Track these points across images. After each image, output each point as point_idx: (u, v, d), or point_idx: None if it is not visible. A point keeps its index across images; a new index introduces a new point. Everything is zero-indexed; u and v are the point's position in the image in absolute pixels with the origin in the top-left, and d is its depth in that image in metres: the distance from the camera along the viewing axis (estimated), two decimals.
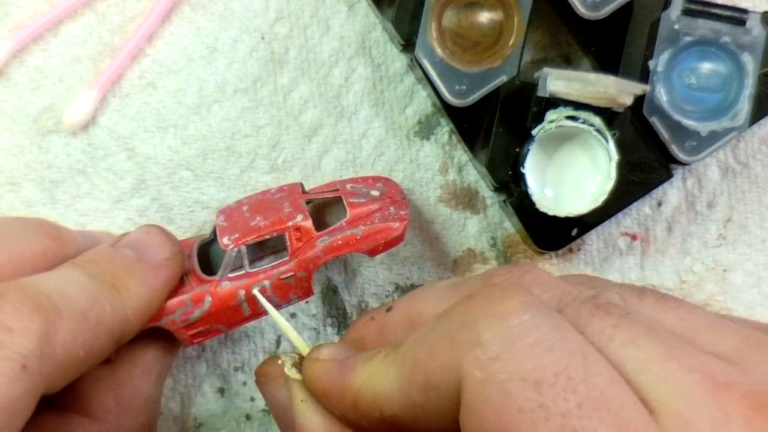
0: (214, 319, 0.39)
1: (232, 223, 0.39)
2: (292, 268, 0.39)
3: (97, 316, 0.33)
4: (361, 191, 0.41)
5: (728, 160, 0.45)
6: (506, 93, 0.41)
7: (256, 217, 0.39)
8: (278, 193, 0.41)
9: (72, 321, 0.31)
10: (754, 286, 0.46)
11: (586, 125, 0.39)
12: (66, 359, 0.31)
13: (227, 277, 0.38)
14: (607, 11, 0.39)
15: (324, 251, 0.39)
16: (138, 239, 0.38)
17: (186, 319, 0.38)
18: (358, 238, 0.39)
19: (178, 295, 0.38)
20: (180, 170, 0.44)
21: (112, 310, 0.33)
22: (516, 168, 0.40)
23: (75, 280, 0.33)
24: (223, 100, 0.44)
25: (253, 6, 0.43)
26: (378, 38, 0.44)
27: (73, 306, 0.32)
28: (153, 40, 0.43)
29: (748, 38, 0.40)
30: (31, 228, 0.36)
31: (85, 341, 0.32)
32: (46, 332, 0.30)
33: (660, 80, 0.40)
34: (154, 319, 0.37)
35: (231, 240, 0.38)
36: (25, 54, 0.43)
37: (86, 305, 0.32)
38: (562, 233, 0.42)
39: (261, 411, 0.45)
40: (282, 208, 0.39)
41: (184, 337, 0.39)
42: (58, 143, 0.43)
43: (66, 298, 0.32)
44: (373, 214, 0.40)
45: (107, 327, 0.33)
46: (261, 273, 0.39)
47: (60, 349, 0.30)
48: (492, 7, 0.40)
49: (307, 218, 0.39)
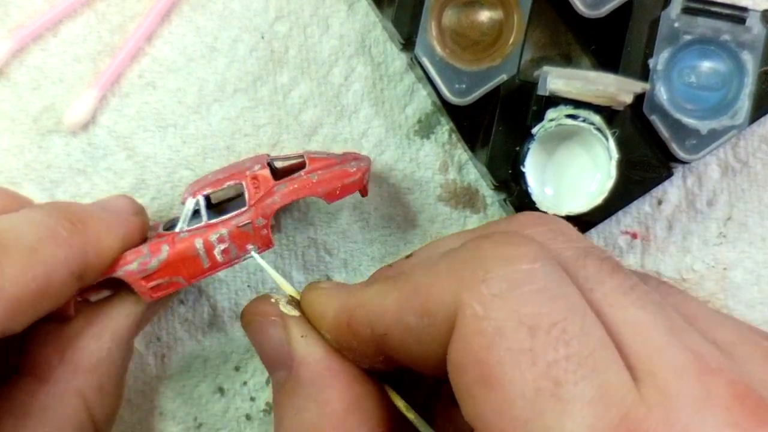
0: (172, 269, 0.38)
1: (194, 185, 0.40)
2: (250, 216, 0.38)
3: (50, 249, 0.32)
4: (324, 153, 0.41)
5: (728, 158, 0.45)
6: (506, 92, 0.41)
7: (218, 175, 0.39)
8: (247, 161, 0.41)
9: (19, 255, 0.31)
10: (754, 284, 0.46)
11: (586, 124, 0.39)
12: (17, 293, 0.31)
13: (185, 229, 0.38)
14: (607, 10, 0.39)
15: (281, 197, 0.39)
16: (106, 199, 0.39)
17: (144, 269, 0.37)
18: (314, 181, 0.39)
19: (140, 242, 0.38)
20: (180, 170, 0.44)
21: (68, 243, 0.33)
22: (516, 167, 0.40)
23: (27, 218, 0.33)
24: (222, 99, 0.44)
25: (252, 5, 0.43)
26: (378, 37, 0.44)
27: (21, 241, 0.32)
28: (153, 39, 0.43)
29: (748, 36, 0.40)
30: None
31: (36, 274, 0.31)
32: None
33: (660, 78, 0.40)
34: (111, 270, 0.37)
35: (189, 193, 0.38)
36: (25, 54, 0.43)
37: (35, 239, 0.32)
38: None
39: (261, 411, 0.45)
40: (242, 164, 0.40)
41: (143, 289, 0.38)
42: (58, 143, 0.43)
43: (12, 234, 0.32)
44: (332, 165, 0.40)
45: (64, 260, 0.33)
46: (219, 224, 0.38)
47: (8, 284, 0.30)
48: (492, 6, 0.40)
49: (264, 167, 0.39)
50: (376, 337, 0.30)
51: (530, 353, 0.24)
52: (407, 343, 0.29)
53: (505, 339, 0.25)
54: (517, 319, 0.25)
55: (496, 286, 0.26)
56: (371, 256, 0.45)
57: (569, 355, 0.24)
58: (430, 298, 0.27)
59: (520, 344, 0.24)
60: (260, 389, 0.44)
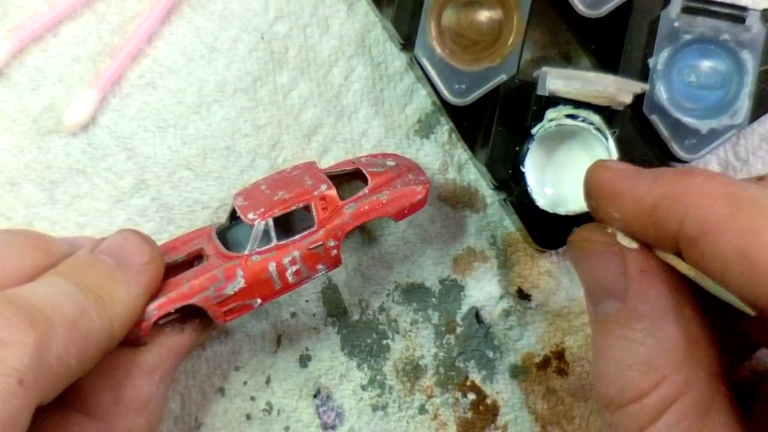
0: (246, 294, 0.39)
1: (254, 201, 0.39)
2: (320, 237, 0.39)
3: (86, 325, 0.32)
4: (376, 163, 0.41)
5: (728, 157, 0.45)
6: (506, 92, 0.41)
7: (278, 192, 0.39)
8: (294, 171, 0.41)
9: (64, 331, 0.31)
10: None
11: (585, 123, 0.39)
12: (60, 370, 0.31)
13: (256, 251, 0.38)
14: (607, 9, 0.39)
15: (351, 217, 0.39)
16: (116, 245, 0.38)
17: (219, 294, 0.38)
18: (384, 202, 0.39)
19: (208, 271, 0.38)
20: (180, 170, 0.44)
21: (98, 319, 0.33)
22: (516, 167, 0.40)
23: (62, 289, 0.33)
24: (222, 99, 0.44)
25: (252, 5, 0.43)
26: (377, 37, 0.44)
27: (64, 316, 0.32)
28: (153, 39, 0.43)
29: (747, 36, 0.40)
30: (19, 240, 0.35)
31: (77, 351, 0.31)
32: (41, 345, 0.30)
33: (660, 78, 0.40)
34: (187, 297, 0.37)
35: (257, 214, 0.38)
36: (25, 54, 0.43)
37: (75, 315, 0.32)
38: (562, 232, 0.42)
39: (261, 411, 0.45)
40: (303, 181, 0.40)
41: (217, 314, 0.39)
42: (58, 143, 0.43)
43: (56, 309, 0.32)
44: (394, 181, 0.40)
45: (95, 336, 0.33)
46: (290, 245, 0.39)
47: (54, 360, 0.30)
48: (491, 6, 0.39)
49: (331, 187, 0.39)
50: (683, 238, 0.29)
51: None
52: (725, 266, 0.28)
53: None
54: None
55: None
56: (371, 255, 0.45)
57: None
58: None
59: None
60: (260, 389, 0.45)
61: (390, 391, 0.45)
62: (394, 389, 0.45)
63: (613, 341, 0.31)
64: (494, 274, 0.45)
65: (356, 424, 0.45)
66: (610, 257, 0.32)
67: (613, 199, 0.32)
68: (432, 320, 0.45)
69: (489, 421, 0.45)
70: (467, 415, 0.45)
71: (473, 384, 0.45)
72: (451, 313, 0.45)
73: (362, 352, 0.45)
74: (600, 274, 0.33)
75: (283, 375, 0.45)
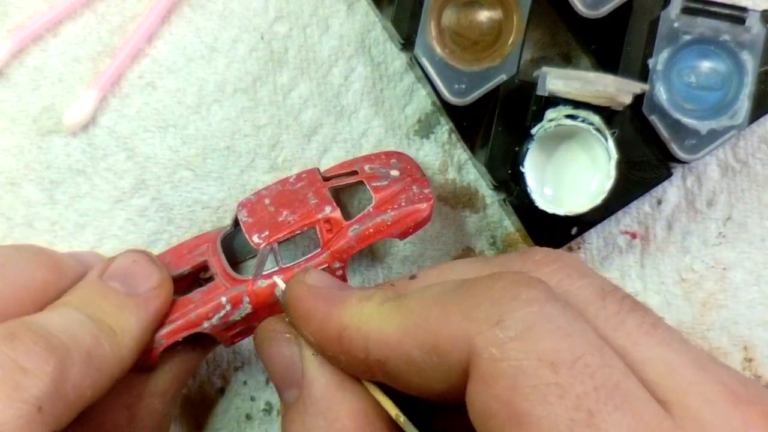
0: (254, 317, 0.39)
1: (258, 219, 0.39)
2: (326, 260, 0.39)
3: (100, 356, 0.33)
4: (380, 172, 0.41)
5: (728, 158, 0.45)
6: (505, 92, 0.41)
7: (283, 212, 0.39)
8: (298, 183, 0.41)
9: (81, 361, 0.31)
10: (753, 285, 0.46)
11: (585, 124, 0.39)
12: (75, 400, 0.31)
13: (262, 275, 0.39)
14: (607, 10, 0.39)
15: (357, 240, 0.39)
16: (125, 269, 0.38)
17: (226, 321, 0.38)
18: (389, 224, 0.39)
19: (214, 297, 0.38)
20: (180, 170, 0.44)
21: (110, 349, 0.34)
22: (515, 167, 0.40)
23: (77, 320, 0.33)
24: (222, 99, 0.44)
25: (252, 5, 0.43)
26: (377, 37, 0.44)
27: (81, 346, 0.32)
28: (152, 39, 0.43)
29: (747, 36, 0.40)
30: (29, 259, 0.36)
31: (92, 381, 0.32)
32: (60, 373, 0.30)
33: (659, 79, 0.40)
34: (194, 325, 0.38)
35: (262, 238, 0.38)
36: (25, 54, 0.43)
37: (91, 346, 0.33)
38: (562, 232, 0.42)
39: (261, 411, 0.45)
40: (306, 199, 0.40)
41: (225, 338, 0.39)
42: (57, 143, 0.43)
43: (73, 339, 0.32)
44: (398, 197, 0.40)
45: (108, 366, 0.33)
46: (295, 267, 0.39)
47: (71, 389, 0.31)
48: (491, 6, 0.39)
49: (335, 209, 0.39)
50: (371, 362, 0.29)
51: (557, 387, 0.24)
52: (407, 373, 0.29)
53: (527, 377, 0.25)
54: (537, 357, 0.25)
55: (511, 329, 0.26)
56: (371, 256, 0.45)
57: (597, 386, 0.24)
58: (441, 336, 0.27)
59: (544, 380, 0.24)
60: (260, 389, 0.44)
61: None
62: None
63: (295, 426, 0.32)
64: None
65: None
66: (288, 346, 0.33)
67: (304, 321, 0.32)
68: None
69: None
70: None
71: None
72: None
73: None
74: (280, 363, 0.33)
75: None
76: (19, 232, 0.43)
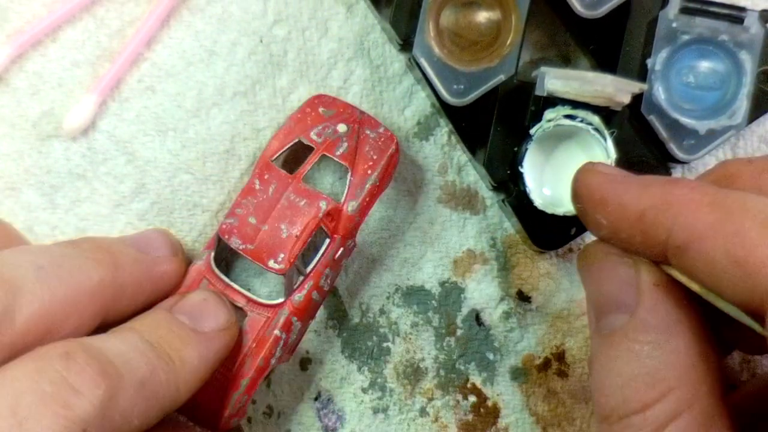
0: (305, 326, 0.41)
1: (260, 244, 0.39)
2: (339, 244, 0.41)
3: (154, 385, 0.33)
4: (330, 135, 0.41)
5: (727, 158, 0.45)
6: (504, 92, 0.41)
7: (280, 227, 0.39)
8: (268, 186, 0.40)
9: (132, 389, 0.31)
10: None
11: (584, 124, 0.39)
12: (122, 427, 0.31)
13: (294, 290, 0.40)
14: (605, 10, 0.39)
15: (359, 215, 0.41)
16: (195, 305, 0.38)
17: (286, 347, 0.40)
18: (377, 185, 0.41)
19: (263, 333, 0.39)
20: (180, 174, 0.44)
21: (166, 380, 0.33)
22: (514, 167, 0.41)
23: (136, 346, 0.33)
24: (222, 103, 0.44)
25: (251, 9, 0.44)
26: (377, 39, 0.44)
27: (135, 374, 0.32)
28: (152, 44, 0.43)
29: (746, 36, 0.40)
30: (85, 257, 0.36)
31: (140, 411, 0.32)
32: (109, 398, 0.30)
33: (658, 79, 0.40)
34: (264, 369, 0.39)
35: (280, 262, 0.38)
36: (24, 59, 0.43)
37: (145, 374, 0.32)
38: (561, 232, 0.42)
39: (262, 414, 0.45)
40: (295, 204, 0.39)
41: (286, 358, 0.41)
42: (57, 148, 0.43)
43: (128, 365, 0.32)
44: (364, 151, 0.41)
45: (160, 397, 0.33)
46: (319, 267, 0.40)
47: (119, 416, 0.31)
48: (490, 7, 0.40)
49: (329, 201, 0.39)
50: (669, 246, 0.29)
51: None
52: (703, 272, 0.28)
53: None
54: None
55: None
56: (371, 258, 0.45)
57: None
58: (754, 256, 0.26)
59: None
60: (261, 392, 0.44)
61: (391, 394, 0.45)
62: (394, 392, 0.45)
63: (617, 353, 0.31)
64: (494, 276, 0.45)
65: (357, 426, 0.45)
66: (624, 269, 0.32)
67: (600, 205, 0.32)
68: (432, 323, 0.45)
69: (490, 423, 0.45)
70: (468, 417, 0.45)
71: (474, 386, 0.45)
72: (451, 316, 0.45)
73: (363, 355, 0.45)
74: (613, 285, 0.32)
75: (284, 378, 0.45)
76: None
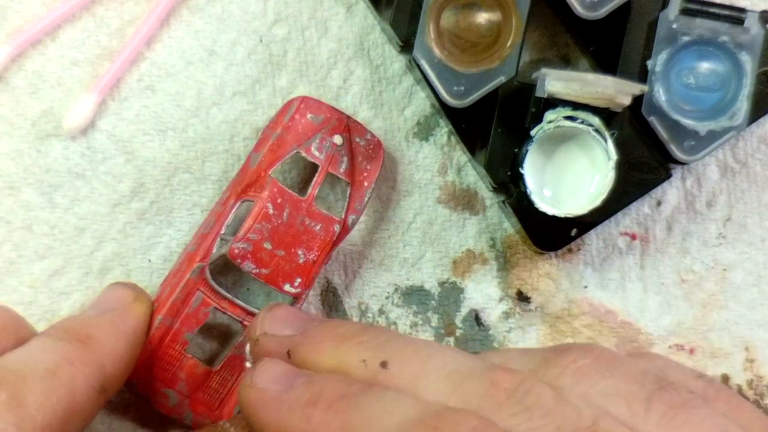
0: None
1: (275, 268, 0.40)
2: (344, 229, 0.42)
3: (67, 372, 0.34)
4: (329, 149, 0.41)
5: (727, 159, 0.45)
6: (505, 94, 0.41)
7: (297, 252, 0.40)
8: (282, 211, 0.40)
9: (40, 383, 0.33)
10: (753, 285, 0.46)
11: (584, 125, 0.39)
12: (48, 420, 0.32)
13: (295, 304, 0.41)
14: (605, 11, 0.39)
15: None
16: (98, 298, 0.40)
17: None
18: (371, 193, 0.42)
19: None
20: (179, 173, 0.44)
21: (83, 362, 0.35)
22: (515, 168, 0.41)
23: (41, 346, 0.35)
24: (221, 102, 0.44)
25: (251, 8, 0.43)
26: (376, 39, 0.44)
27: (37, 369, 0.33)
28: (151, 43, 0.43)
29: (746, 37, 0.40)
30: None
31: (60, 396, 0.33)
32: (13, 399, 0.31)
33: (658, 80, 0.40)
34: None
35: (296, 287, 0.40)
36: (24, 58, 0.43)
37: (52, 365, 0.34)
38: (562, 233, 0.42)
39: None
40: (311, 229, 0.40)
41: None
42: (56, 147, 0.43)
43: (29, 364, 0.33)
44: (357, 161, 0.42)
45: (82, 379, 0.34)
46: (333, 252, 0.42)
47: (36, 412, 0.32)
48: (490, 8, 0.40)
49: (340, 224, 0.41)
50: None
51: None
52: None
53: None
54: None
55: None
56: (370, 258, 0.45)
57: None
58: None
59: None
60: None
61: None
62: None
63: None
64: (494, 277, 0.45)
65: None
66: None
67: None
68: (431, 323, 0.45)
69: None
70: None
71: None
72: (450, 316, 0.45)
73: None
74: None
75: None
76: (18, 236, 0.43)
